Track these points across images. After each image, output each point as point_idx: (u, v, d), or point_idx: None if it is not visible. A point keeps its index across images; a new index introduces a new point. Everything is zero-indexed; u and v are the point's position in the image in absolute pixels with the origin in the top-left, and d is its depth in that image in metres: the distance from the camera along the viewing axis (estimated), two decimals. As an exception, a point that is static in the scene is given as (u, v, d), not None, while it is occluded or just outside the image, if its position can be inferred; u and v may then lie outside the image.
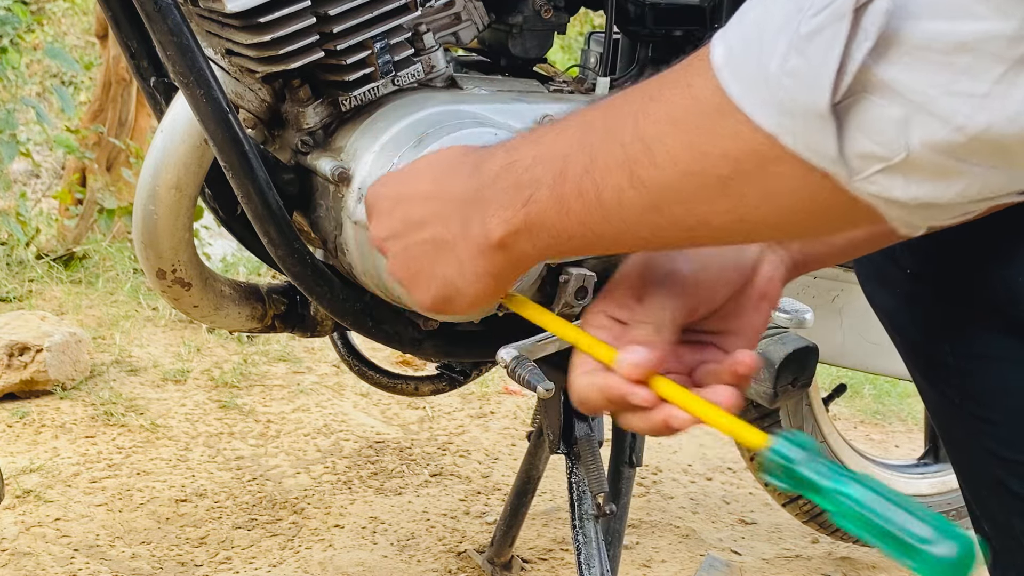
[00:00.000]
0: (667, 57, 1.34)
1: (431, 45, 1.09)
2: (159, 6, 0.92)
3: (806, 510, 1.69)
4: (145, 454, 1.98)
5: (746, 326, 0.64)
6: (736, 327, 0.64)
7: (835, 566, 1.82)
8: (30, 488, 1.81)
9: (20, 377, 2.14)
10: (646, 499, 2.02)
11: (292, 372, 2.45)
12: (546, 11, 1.18)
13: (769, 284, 0.65)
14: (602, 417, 1.35)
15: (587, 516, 1.28)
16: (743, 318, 0.64)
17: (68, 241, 3.15)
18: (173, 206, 1.05)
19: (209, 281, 1.13)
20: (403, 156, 1.00)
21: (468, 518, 1.86)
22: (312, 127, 1.06)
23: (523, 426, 2.29)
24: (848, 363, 1.49)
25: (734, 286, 0.64)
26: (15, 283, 2.77)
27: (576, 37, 5.52)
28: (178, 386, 2.31)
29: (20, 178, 4.76)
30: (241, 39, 0.99)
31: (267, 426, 2.15)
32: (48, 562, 1.60)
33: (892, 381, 2.85)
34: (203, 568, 1.62)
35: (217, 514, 1.79)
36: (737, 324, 0.64)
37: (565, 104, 1.14)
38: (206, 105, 0.95)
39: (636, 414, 0.60)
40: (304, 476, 1.95)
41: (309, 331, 1.21)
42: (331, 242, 1.07)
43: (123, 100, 3.61)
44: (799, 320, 0.93)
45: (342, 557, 1.68)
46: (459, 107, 1.06)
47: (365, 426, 2.20)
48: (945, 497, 1.81)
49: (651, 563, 1.77)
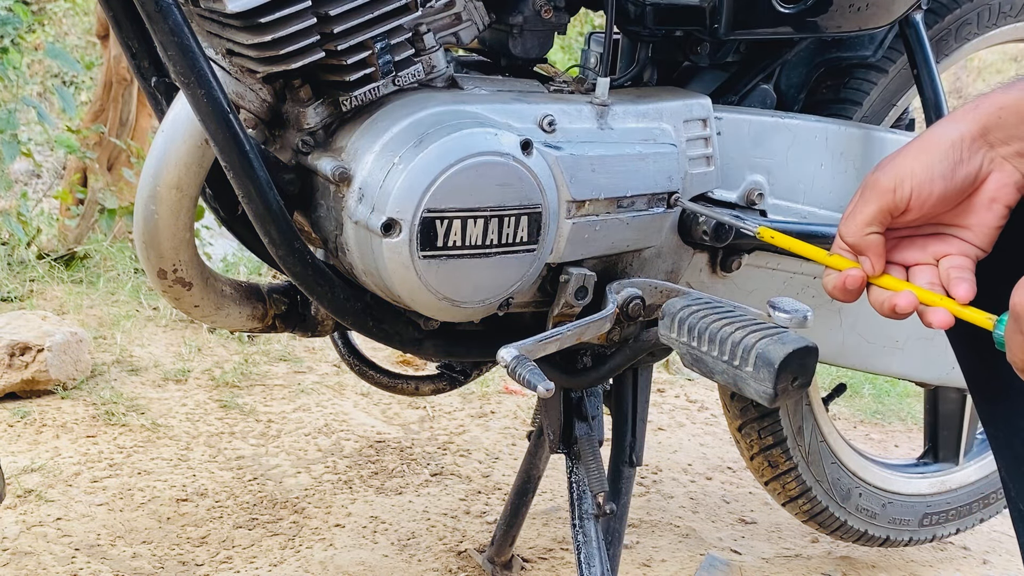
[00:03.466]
0: (667, 57, 1.34)
1: (431, 45, 1.10)
2: (160, 6, 0.92)
3: (805, 509, 1.69)
4: (146, 454, 1.98)
5: (978, 223, 0.78)
6: (970, 223, 0.78)
7: (835, 565, 1.83)
8: (31, 488, 1.81)
9: (21, 377, 2.14)
10: (646, 499, 2.02)
11: (293, 372, 2.46)
12: (546, 11, 1.19)
13: (1000, 189, 0.77)
14: (602, 417, 1.35)
15: (587, 515, 1.29)
16: (974, 216, 0.78)
17: (69, 241, 3.15)
18: (174, 206, 1.05)
19: (210, 281, 1.13)
20: (403, 156, 1.00)
21: (468, 517, 1.86)
22: (313, 127, 1.06)
23: (523, 426, 2.29)
24: (848, 363, 1.49)
25: (945, 193, 0.77)
26: (16, 283, 2.77)
27: (576, 37, 5.52)
28: (179, 386, 2.31)
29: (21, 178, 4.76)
30: (242, 39, 0.99)
31: (268, 426, 2.16)
32: (49, 561, 1.60)
33: (892, 381, 2.85)
34: (204, 567, 1.62)
35: (218, 513, 1.79)
36: (970, 221, 0.78)
37: (565, 104, 1.14)
38: (207, 105, 0.95)
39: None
40: (305, 476, 1.95)
41: (310, 331, 1.22)
42: (332, 242, 1.07)
43: (124, 100, 3.61)
44: (799, 320, 0.93)
45: (343, 556, 1.69)
46: (459, 107, 1.06)
47: (366, 426, 2.20)
48: (945, 497, 1.81)
49: (651, 562, 1.77)
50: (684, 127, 1.20)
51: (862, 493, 1.72)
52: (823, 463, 1.66)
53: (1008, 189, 0.77)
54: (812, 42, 1.41)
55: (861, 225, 0.79)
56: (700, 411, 2.53)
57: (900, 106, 1.50)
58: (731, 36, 1.25)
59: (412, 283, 1.02)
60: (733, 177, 1.26)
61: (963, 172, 0.77)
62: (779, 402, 0.94)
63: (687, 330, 0.98)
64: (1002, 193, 0.77)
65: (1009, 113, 0.76)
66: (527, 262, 1.07)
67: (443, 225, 1.01)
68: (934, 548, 1.94)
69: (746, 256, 1.29)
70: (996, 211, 0.77)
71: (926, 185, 0.77)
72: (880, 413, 2.72)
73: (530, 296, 1.16)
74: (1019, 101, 0.76)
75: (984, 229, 0.78)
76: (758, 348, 0.93)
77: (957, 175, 0.77)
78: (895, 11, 1.34)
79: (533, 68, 1.25)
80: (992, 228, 0.78)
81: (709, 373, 0.98)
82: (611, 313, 1.13)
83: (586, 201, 1.11)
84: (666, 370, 2.76)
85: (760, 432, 1.61)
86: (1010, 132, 0.76)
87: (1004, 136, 0.76)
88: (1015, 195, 0.77)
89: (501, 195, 1.03)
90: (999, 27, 1.55)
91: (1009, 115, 0.76)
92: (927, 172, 0.77)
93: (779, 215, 1.30)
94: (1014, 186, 0.77)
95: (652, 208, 1.16)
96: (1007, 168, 0.77)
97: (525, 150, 1.04)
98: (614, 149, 1.13)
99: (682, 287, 1.19)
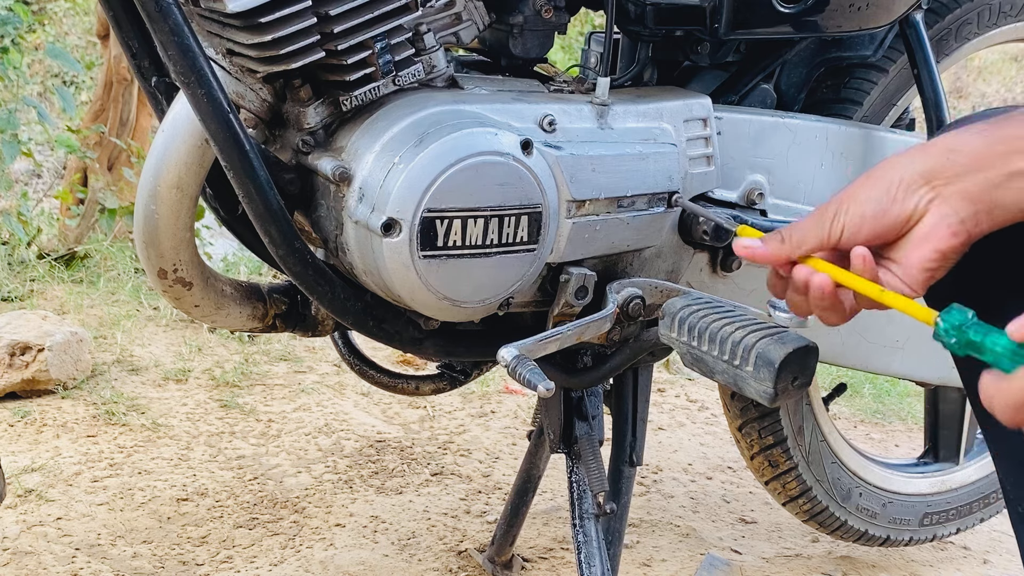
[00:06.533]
0: (667, 57, 1.34)
1: (432, 45, 1.10)
2: (160, 6, 0.92)
3: (806, 509, 1.69)
4: (146, 453, 1.98)
5: (907, 262, 0.78)
6: (899, 259, 0.79)
7: (835, 565, 1.83)
8: (32, 487, 1.81)
9: (22, 376, 2.14)
10: (646, 498, 2.02)
11: (293, 371, 2.46)
12: (546, 11, 1.19)
13: (934, 230, 0.76)
14: (602, 416, 1.35)
15: (587, 515, 1.29)
16: (903, 253, 0.79)
17: (69, 241, 3.15)
18: (174, 206, 1.05)
19: (210, 281, 1.13)
20: (403, 156, 1.00)
21: (469, 517, 1.86)
22: (313, 127, 1.06)
23: (524, 425, 2.29)
24: (848, 363, 1.49)
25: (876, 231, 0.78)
26: (17, 283, 2.78)
27: (576, 37, 5.52)
28: (179, 385, 2.32)
29: (22, 178, 4.76)
30: (242, 39, 0.99)
31: (268, 425, 2.16)
32: (50, 561, 1.60)
33: (892, 381, 2.85)
34: (204, 567, 1.62)
35: (218, 513, 1.79)
36: (899, 256, 0.79)
37: (566, 104, 1.14)
38: (207, 105, 0.95)
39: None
40: (305, 475, 1.95)
41: (310, 331, 1.22)
42: (332, 242, 1.07)
43: (124, 100, 3.61)
44: (799, 320, 0.93)
45: (343, 556, 1.69)
46: (460, 107, 1.06)
47: (366, 425, 2.20)
48: (945, 496, 1.81)
49: (651, 562, 1.77)
50: (684, 127, 1.20)
51: (862, 493, 1.72)
52: (823, 463, 1.66)
53: (941, 231, 0.76)
54: (812, 42, 1.41)
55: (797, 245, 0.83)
56: (700, 411, 2.53)
57: (900, 106, 1.50)
58: (731, 36, 1.25)
59: (412, 283, 1.02)
60: (733, 177, 1.26)
61: (897, 210, 0.77)
62: (779, 402, 0.94)
63: (687, 330, 0.98)
64: (934, 234, 0.76)
65: (958, 156, 0.76)
66: (527, 262, 1.08)
67: (443, 225, 1.01)
68: (934, 548, 1.94)
69: (746, 256, 1.29)
70: (925, 252, 0.77)
71: (856, 220, 0.79)
72: (880, 413, 2.72)
73: (530, 296, 1.16)
74: (967, 144, 0.76)
75: (913, 270, 0.78)
76: (758, 348, 0.93)
77: (892, 211, 0.78)
78: (895, 11, 1.34)
79: (533, 68, 1.25)
80: (920, 269, 0.78)
81: (709, 373, 0.98)
82: (611, 313, 1.13)
83: (586, 201, 1.11)
84: (666, 370, 2.76)
85: (760, 432, 1.61)
86: (956, 172, 0.76)
87: (949, 176, 0.76)
88: (949, 239, 0.76)
89: (501, 195, 1.03)
90: (999, 27, 1.55)
91: (958, 157, 0.76)
92: (860, 208, 0.79)
93: (779, 215, 1.30)
94: (948, 228, 0.76)
95: (652, 208, 1.16)
96: (944, 209, 0.76)
97: (525, 150, 1.04)
98: (614, 149, 1.13)
99: (682, 287, 1.19)
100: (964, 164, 0.76)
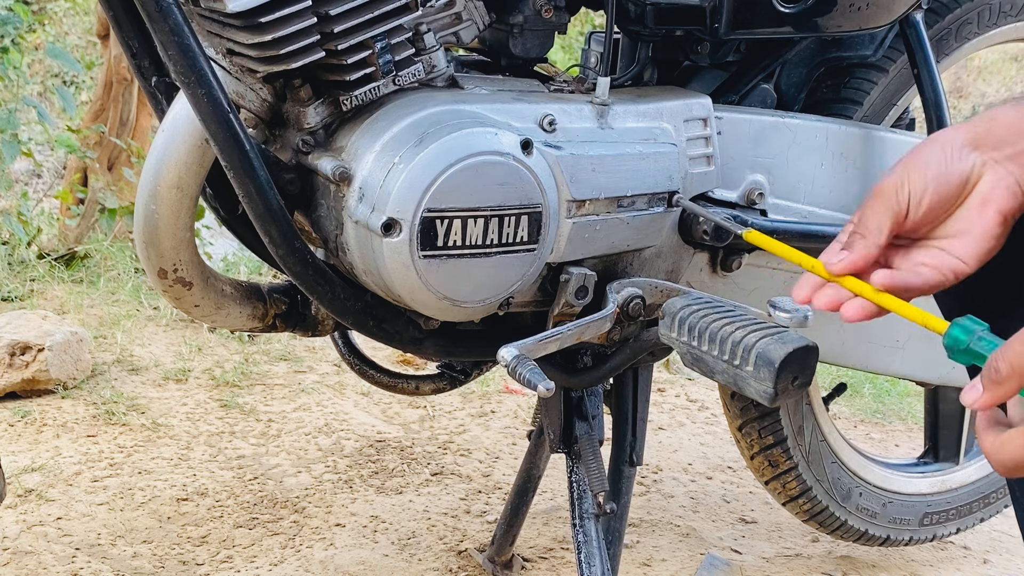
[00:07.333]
0: (668, 57, 1.34)
1: (432, 45, 1.10)
2: (160, 6, 0.92)
3: (806, 508, 1.69)
4: (146, 453, 1.98)
5: (968, 229, 0.75)
6: (959, 229, 0.76)
7: (835, 565, 1.83)
8: (32, 487, 1.81)
9: (22, 376, 2.14)
10: (646, 498, 2.02)
11: (293, 371, 2.46)
12: (546, 11, 1.19)
13: (993, 190, 0.74)
14: (602, 416, 1.35)
15: (587, 515, 1.29)
16: (964, 221, 0.75)
17: (69, 241, 3.15)
18: (174, 205, 1.05)
19: (210, 280, 1.13)
20: (404, 156, 1.00)
21: (469, 517, 1.86)
22: (313, 127, 1.06)
23: (524, 425, 2.29)
24: (848, 362, 1.49)
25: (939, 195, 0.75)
26: (17, 282, 2.78)
27: (576, 37, 5.52)
28: (179, 385, 2.32)
29: (22, 178, 4.76)
30: (242, 39, 0.99)
31: (268, 425, 2.16)
32: (50, 561, 1.60)
33: (892, 380, 2.85)
34: (204, 567, 1.62)
35: (218, 513, 1.79)
36: (959, 227, 0.76)
37: (566, 104, 1.14)
38: (207, 105, 0.95)
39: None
40: (305, 475, 1.95)
41: (310, 330, 1.22)
42: (332, 241, 1.07)
43: (124, 100, 3.61)
44: (799, 320, 0.93)
45: (343, 556, 1.69)
46: (460, 107, 1.06)
47: (366, 425, 2.20)
48: (945, 496, 1.81)
49: (651, 562, 1.77)
50: (684, 127, 1.20)
51: (862, 492, 1.72)
52: (823, 462, 1.66)
53: (1001, 191, 0.75)
54: (812, 41, 1.41)
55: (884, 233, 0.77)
56: (700, 410, 2.53)
57: (900, 105, 1.50)
58: (731, 36, 1.25)
59: (412, 283, 1.02)
60: (733, 176, 1.26)
61: (956, 169, 0.76)
62: (779, 401, 0.94)
63: (687, 329, 0.98)
64: (995, 195, 0.75)
65: (1000, 124, 0.76)
66: (527, 262, 1.07)
67: (443, 225, 1.01)
68: (934, 548, 1.94)
69: (747, 256, 1.29)
70: (988, 216, 0.75)
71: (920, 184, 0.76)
72: (880, 412, 2.72)
73: (530, 296, 1.16)
74: (1005, 115, 0.76)
75: (973, 236, 0.75)
76: (758, 348, 0.93)
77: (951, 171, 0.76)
78: (895, 10, 1.34)
79: (533, 68, 1.25)
80: (982, 236, 0.75)
81: (709, 372, 0.98)
82: (611, 313, 1.13)
83: (586, 201, 1.11)
84: (666, 369, 2.76)
85: (760, 431, 1.61)
86: (1001, 137, 0.76)
87: (995, 142, 0.76)
88: (1009, 200, 0.75)
89: (501, 195, 1.03)
90: (999, 27, 1.55)
91: (1000, 124, 0.76)
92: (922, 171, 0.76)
93: (779, 214, 1.30)
94: (1007, 189, 0.75)
95: (652, 208, 1.16)
96: (1000, 171, 0.76)
97: (525, 150, 1.04)
98: (614, 149, 1.13)
99: (682, 287, 1.19)
100: (1002, 135, 0.76)
